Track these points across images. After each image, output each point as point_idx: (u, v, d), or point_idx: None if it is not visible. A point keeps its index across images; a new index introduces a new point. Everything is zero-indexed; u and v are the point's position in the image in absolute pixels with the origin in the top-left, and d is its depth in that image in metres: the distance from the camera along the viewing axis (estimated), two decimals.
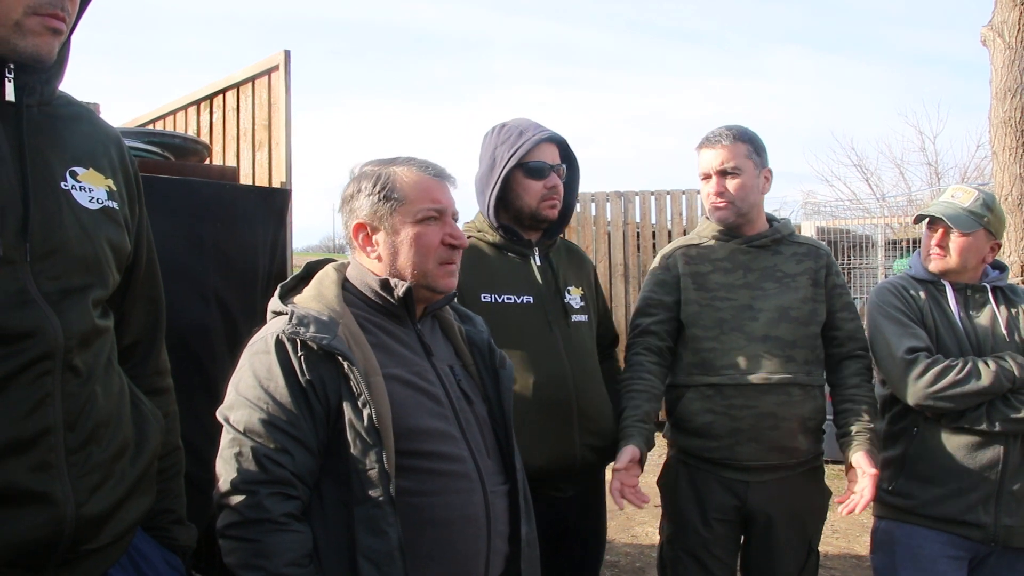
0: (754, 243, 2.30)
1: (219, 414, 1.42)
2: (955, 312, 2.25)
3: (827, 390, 2.34)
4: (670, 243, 2.45)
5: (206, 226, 2.57)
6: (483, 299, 2.09)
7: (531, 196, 2.16)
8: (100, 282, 1.25)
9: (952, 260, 2.25)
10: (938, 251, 2.26)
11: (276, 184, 3.00)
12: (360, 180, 1.55)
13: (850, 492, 2.09)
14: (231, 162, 3.28)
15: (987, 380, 2.08)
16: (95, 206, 1.25)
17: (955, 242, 2.23)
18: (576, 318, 2.21)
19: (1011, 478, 2.12)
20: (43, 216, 1.17)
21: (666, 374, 2.31)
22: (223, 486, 1.35)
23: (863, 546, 4.21)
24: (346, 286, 1.54)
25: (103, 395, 1.25)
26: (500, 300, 2.11)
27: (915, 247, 3.14)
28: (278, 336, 1.40)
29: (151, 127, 3.80)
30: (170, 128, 3.71)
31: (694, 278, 2.30)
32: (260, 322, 1.55)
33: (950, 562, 2.15)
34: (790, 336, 2.21)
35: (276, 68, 3.01)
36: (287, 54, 2.95)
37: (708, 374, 2.22)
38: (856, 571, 4.08)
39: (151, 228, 1.45)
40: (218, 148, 3.38)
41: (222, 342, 2.55)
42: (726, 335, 2.22)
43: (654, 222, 7.64)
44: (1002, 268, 2.36)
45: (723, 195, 2.25)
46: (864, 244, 9.33)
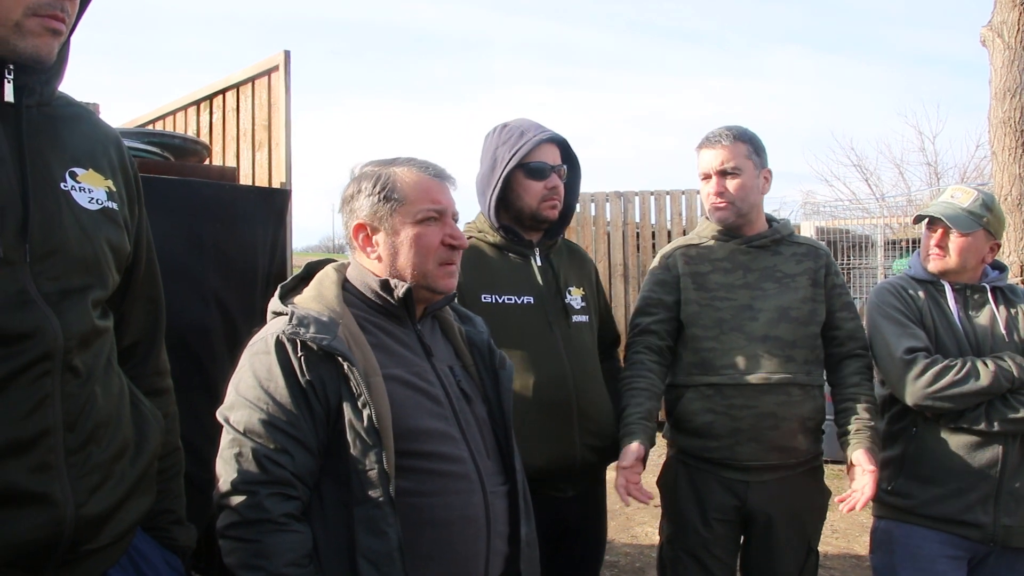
0: (754, 243, 2.31)
1: (219, 414, 1.42)
2: (954, 312, 2.25)
3: (827, 390, 2.34)
4: (670, 243, 2.46)
5: (206, 226, 2.57)
6: (484, 300, 2.09)
7: (531, 196, 2.16)
8: (100, 283, 1.25)
9: (951, 260, 2.25)
10: (937, 251, 2.27)
11: (276, 184, 3.00)
12: (360, 180, 1.55)
13: (853, 491, 2.09)
14: (231, 162, 3.28)
15: (986, 380, 2.08)
16: (95, 207, 1.25)
17: (954, 242, 2.24)
18: (577, 318, 2.21)
19: (1010, 478, 2.13)
20: (43, 217, 1.17)
21: (666, 373, 2.31)
22: (223, 486, 1.35)
23: (863, 546, 4.21)
24: (346, 286, 1.54)
25: (103, 396, 1.25)
26: (501, 301, 2.11)
27: (914, 247, 3.14)
28: (278, 337, 1.40)
29: (151, 127, 3.79)
30: (170, 128, 3.71)
31: (694, 278, 2.30)
32: (260, 322, 1.55)
33: (949, 562, 2.15)
34: (790, 336, 2.21)
35: (276, 68, 3.01)
36: (287, 54, 2.95)
37: (708, 374, 2.22)
38: (855, 571, 4.09)
39: (151, 228, 1.45)
40: (218, 148, 3.38)
41: (222, 342, 2.55)
42: (726, 335, 2.22)
43: (654, 222, 7.64)
44: (1001, 268, 2.36)
45: (723, 195, 2.25)
46: (863, 244, 9.33)
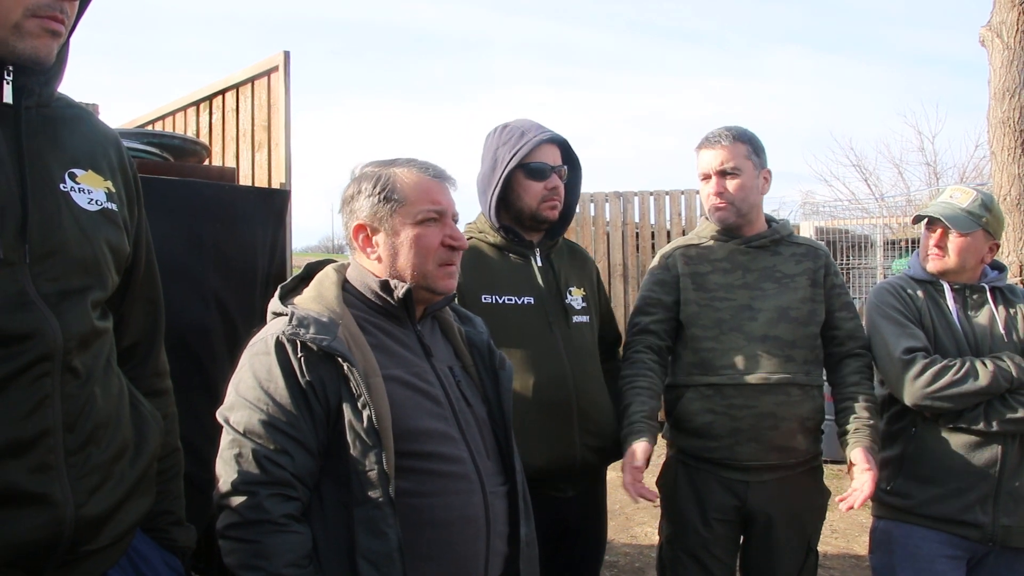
0: (753, 243, 2.31)
1: (219, 415, 1.42)
2: (953, 312, 2.25)
3: (827, 390, 2.34)
4: (669, 243, 2.46)
5: (206, 227, 2.57)
6: (484, 300, 2.09)
7: (531, 197, 2.16)
8: (99, 284, 1.25)
9: (950, 260, 2.25)
10: (936, 251, 2.27)
11: (275, 185, 3.00)
12: (360, 181, 1.55)
13: (853, 489, 2.09)
14: (230, 163, 3.28)
15: (985, 380, 2.09)
16: (94, 208, 1.25)
17: (953, 242, 2.24)
18: (577, 319, 2.21)
19: (1009, 478, 2.13)
20: (42, 218, 1.17)
21: (665, 373, 2.31)
22: (223, 487, 1.35)
23: (862, 546, 4.21)
24: (346, 287, 1.54)
25: (102, 396, 1.25)
26: (501, 301, 2.11)
27: (914, 247, 3.14)
28: (278, 337, 1.40)
29: (150, 128, 3.79)
30: (169, 129, 3.70)
31: (693, 278, 2.30)
32: (259, 323, 1.55)
33: (948, 562, 2.16)
34: (789, 336, 2.21)
35: (276, 69, 3.00)
36: (286, 55, 2.95)
37: (707, 374, 2.22)
38: (855, 571, 4.09)
39: (151, 229, 1.45)
40: (217, 149, 3.38)
41: (221, 342, 2.55)
42: (725, 335, 2.23)
43: (653, 222, 7.64)
44: (1000, 268, 2.36)
45: (723, 195, 2.25)
46: (863, 244, 9.34)
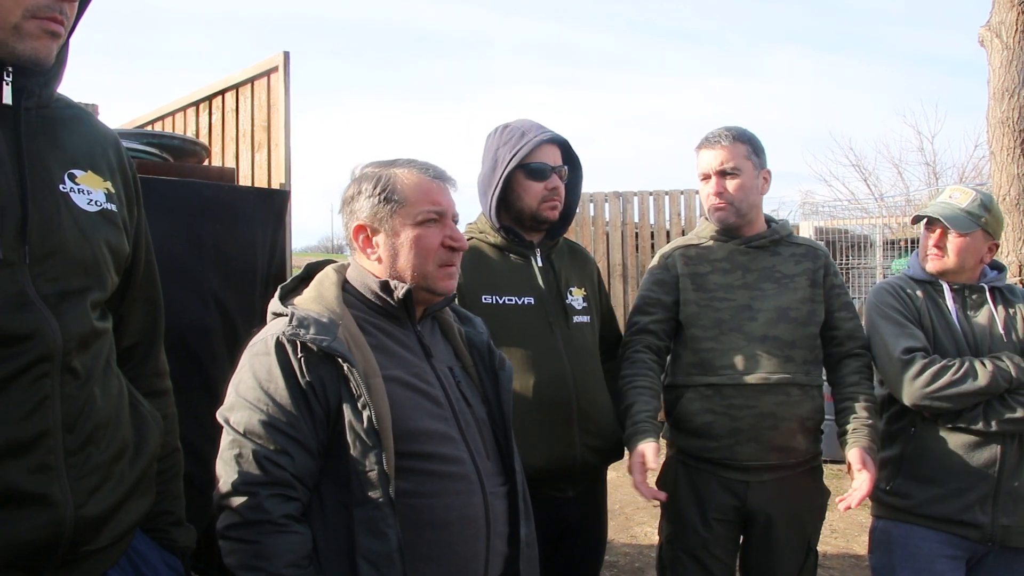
0: (753, 244, 2.31)
1: (219, 415, 1.42)
2: (953, 312, 2.25)
3: (827, 390, 2.34)
4: (669, 243, 2.46)
5: (205, 227, 2.56)
6: (484, 300, 2.09)
7: (532, 197, 2.16)
8: (99, 284, 1.25)
9: (950, 260, 2.25)
10: (936, 251, 2.27)
11: (275, 185, 3.00)
12: (361, 182, 1.55)
13: (853, 489, 2.09)
14: (230, 163, 3.28)
15: (984, 380, 2.09)
16: (94, 208, 1.25)
17: (953, 243, 2.24)
18: (577, 319, 2.21)
19: (1008, 478, 2.13)
20: (42, 218, 1.17)
21: (663, 374, 2.32)
22: (223, 487, 1.35)
23: (862, 546, 4.22)
24: (346, 287, 1.54)
25: (102, 397, 1.25)
26: (501, 301, 2.11)
27: (913, 247, 3.14)
28: (278, 338, 1.40)
29: (150, 128, 3.79)
30: (169, 129, 3.70)
31: (693, 278, 2.30)
32: (259, 323, 1.55)
33: (948, 562, 2.16)
34: (789, 336, 2.22)
35: (275, 69, 3.01)
36: (286, 55, 2.95)
37: (707, 374, 2.22)
38: (854, 571, 4.09)
39: (150, 229, 1.45)
40: (217, 149, 3.38)
41: (221, 343, 2.55)
42: (725, 335, 2.23)
43: (653, 222, 7.64)
44: (1000, 268, 2.36)
45: (722, 196, 2.25)
46: (862, 244, 9.33)
